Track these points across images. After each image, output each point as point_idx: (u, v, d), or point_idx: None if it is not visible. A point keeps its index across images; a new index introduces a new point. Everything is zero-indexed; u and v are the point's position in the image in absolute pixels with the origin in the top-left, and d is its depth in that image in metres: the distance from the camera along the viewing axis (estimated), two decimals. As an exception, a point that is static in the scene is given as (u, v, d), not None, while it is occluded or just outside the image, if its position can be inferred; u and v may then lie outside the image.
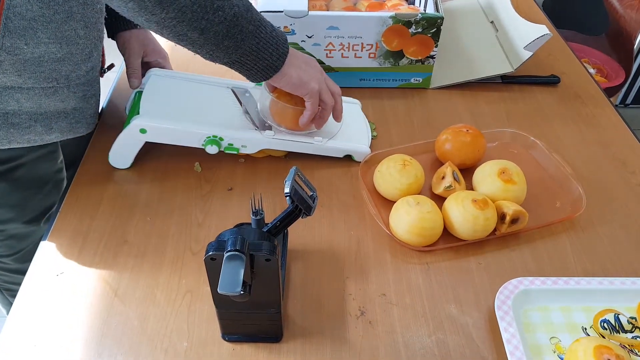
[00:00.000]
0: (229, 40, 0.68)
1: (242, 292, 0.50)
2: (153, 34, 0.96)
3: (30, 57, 0.70)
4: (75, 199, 0.80)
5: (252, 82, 0.76)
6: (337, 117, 0.84)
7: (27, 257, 0.92)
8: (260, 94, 0.85)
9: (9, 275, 0.99)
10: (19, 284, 0.70)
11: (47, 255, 0.73)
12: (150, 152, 0.86)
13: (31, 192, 0.86)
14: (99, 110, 0.90)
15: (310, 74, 0.76)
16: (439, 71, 1.04)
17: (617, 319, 0.66)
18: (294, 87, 0.76)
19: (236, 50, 0.70)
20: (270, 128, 0.83)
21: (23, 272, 0.72)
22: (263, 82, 0.78)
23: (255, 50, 0.70)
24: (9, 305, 1.06)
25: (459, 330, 0.66)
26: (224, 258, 0.51)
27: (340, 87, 0.81)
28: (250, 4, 0.70)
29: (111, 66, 0.92)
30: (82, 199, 0.80)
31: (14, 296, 1.00)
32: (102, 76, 0.87)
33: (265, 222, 0.60)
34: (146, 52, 0.94)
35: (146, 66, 0.94)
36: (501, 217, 0.74)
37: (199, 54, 0.70)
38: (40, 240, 0.89)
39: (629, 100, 2.34)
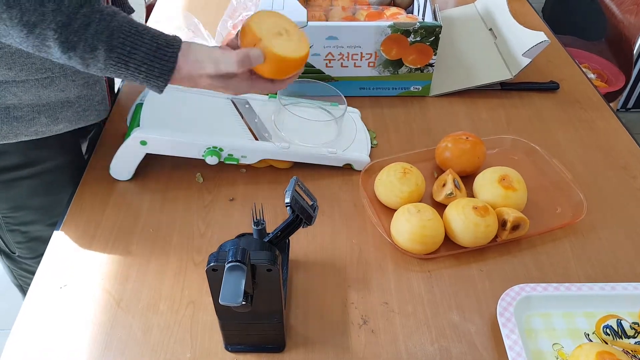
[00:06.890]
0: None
1: (243, 303, 0.51)
2: None
3: (17, 50, 0.69)
4: (77, 211, 0.80)
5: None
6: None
7: None
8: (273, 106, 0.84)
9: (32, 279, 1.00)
10: None
11: (51, 267, 0.73)
12: (151, 164, 0.86)
13: (60, 196, 0.86)
14: (112, 97, 0.87)
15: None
16: (438, 79, 1.04)
17: (619, 324, 0.66)
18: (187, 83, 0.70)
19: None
20: (270, 139, 0.83)
21: None
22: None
23: (134, 68, 0.65)
24: None
25: (461, 337, 0.66)
26: (225, 269, 0.52)
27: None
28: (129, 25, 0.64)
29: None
30: (84, 211, 0.80)
31: None
32: None
33: (267, 231, 0.61)
34: None
35: None
36: (502, 223, 0.75)
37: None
38: None
39: (630, 105, 2.35)
